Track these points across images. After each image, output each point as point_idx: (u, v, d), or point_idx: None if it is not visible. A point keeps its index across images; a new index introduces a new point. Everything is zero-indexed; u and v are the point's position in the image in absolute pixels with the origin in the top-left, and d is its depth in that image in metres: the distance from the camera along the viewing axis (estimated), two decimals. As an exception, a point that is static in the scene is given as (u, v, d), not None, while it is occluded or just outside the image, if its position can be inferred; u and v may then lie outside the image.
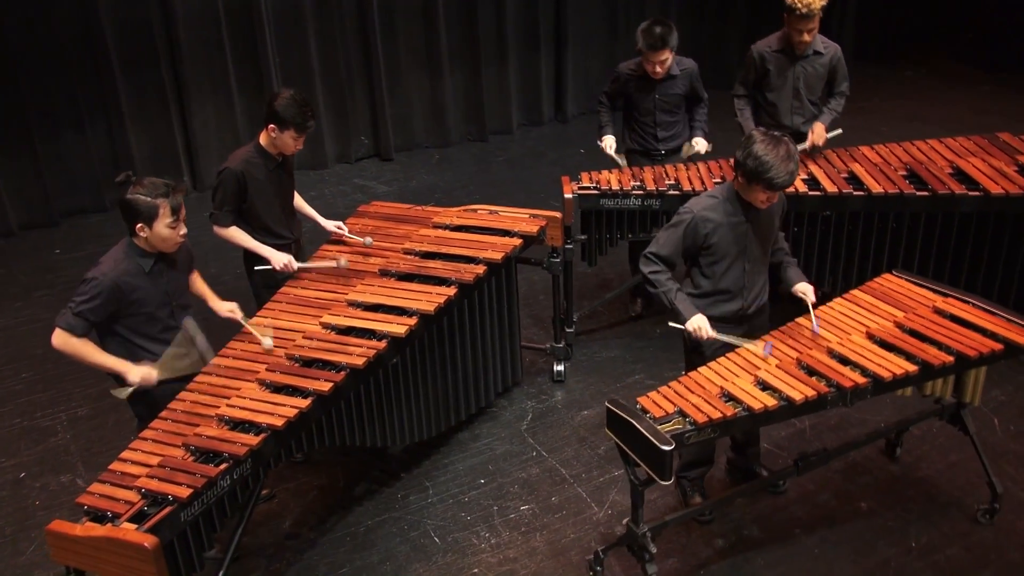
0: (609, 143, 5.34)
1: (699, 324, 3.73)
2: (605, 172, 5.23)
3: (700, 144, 5.28)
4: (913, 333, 3.69)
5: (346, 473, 4.66)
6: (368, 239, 4.67)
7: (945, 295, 3.94)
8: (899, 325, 3.76)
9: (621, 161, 5.33)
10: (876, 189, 4.83)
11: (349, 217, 5.06)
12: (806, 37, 5.04)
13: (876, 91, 9.14)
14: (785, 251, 4.05)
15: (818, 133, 5.16)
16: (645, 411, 3.38)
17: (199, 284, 4.07)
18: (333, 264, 4.46)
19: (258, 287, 4.57)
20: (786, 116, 5.29)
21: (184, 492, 3.06)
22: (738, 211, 3.76)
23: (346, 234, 4.71)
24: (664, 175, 5.14)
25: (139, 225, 3.56)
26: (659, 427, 3.27)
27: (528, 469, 4.63)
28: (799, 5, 4.89)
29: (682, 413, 3.34)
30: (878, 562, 3.95)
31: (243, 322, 4.04)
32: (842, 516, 4.21)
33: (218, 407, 3.50)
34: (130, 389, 3.58)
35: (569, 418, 4.97)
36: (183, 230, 3.67)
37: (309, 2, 7.82)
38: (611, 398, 3.53)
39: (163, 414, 3.53)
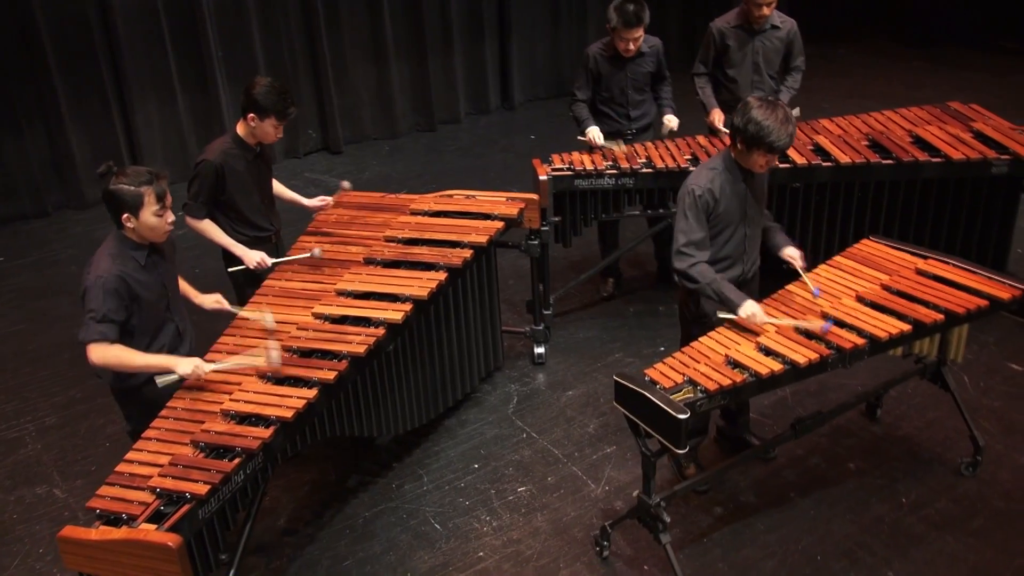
0: (595, 134, 5.32)
1: (753, 311, 3.68)
2: (576, 153, 5.26)
3: (673, 121, 5.34)
4: (901, 294, 3.81)
5: (336, 467, 4.61)
6: (316, 251, 4.49)
7: (925, 257, 4.07)
8: (886, 287, 3.87)
9: (618, 146, 5.28)
10: (844, 159, 4.97)
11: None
12: (765, 11, 5.15)
13: (814, 69, 9.32)
14: (769, 217, 4.13)
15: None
16: (654, 382, 3.42)
17: (180, 281, 3.97)
18: (307, 255, 4.39)
19: (239, 283, 4.48)
20: (747, 91, 5.38)
21: (202, 489, 2.99)
22: (738, 178, 3.82)
23: (331, 203, 4.64)
24: (635, 154, 5.19)
25: (125, 216, 3.46)
26: (671, 397, 3.31)
27: (520, 451, 4.64)
28: None
29: (692, 382, 3.39)
30: (873, 519, 4.07)
31: (234, 310, 3.95)
32: (833, 478, 4.32)
33: (221, 403, 3.43)
34: (174, 377, 3.46)
35: (555, 399, 4.99)
36: (171, 217, 3.58)
37: (251, -7, 7.67)
38: (619, 372, 3.56)
39: (164, 413, 3.44)
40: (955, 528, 3.99)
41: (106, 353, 3.39)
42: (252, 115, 4.23)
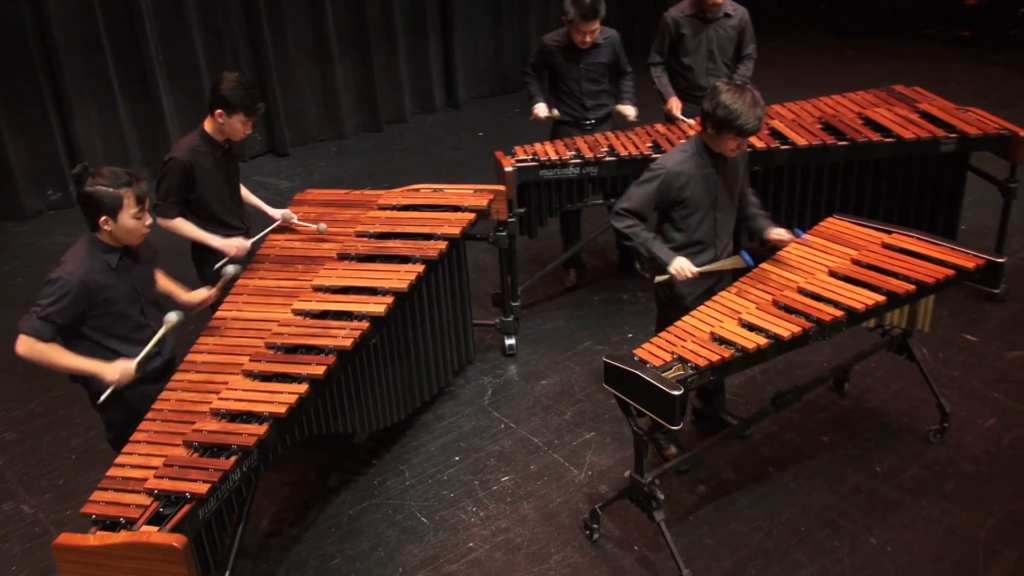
0: (541, 109, 5.39)
1: (681, 265, 3.85)
2: (539, 144, 5.28)
3: (629, 110, 5.40)
4: (871, 267, 3.92)
5: (315, 466, 4.55)
6: (322, 225, 4.54)
7: (889, 231, 4.20)
8: (856, 261, 3.98)
9: (556, 113, 5.45)
10: (801, 142, 5.09)
11: (289, 205, 4.93)
12: (718, 0, 5.25)
13: (750, 60, 9.56)
14: (757, 204, 4.20)
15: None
16: (644, 362, 3.46)
17: (164, 281, 3.88)
18: (315, 228, 4.35)
19: (212, 281, 4.38)
20: (702, 78, 5.49)
21: (202, 488, 2.93)
22: (708, 163, 3.89)
23: (295, 221, 4.59)
24: (597, 143, 5.24)
25: (103, 218, 3.38)
26: (662, 375, 3.36)
27: (500, 442, 4.64)
28: None
29: (681, 359, 3.44)
30: (850, 488, 4.18)
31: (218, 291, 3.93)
32: (808, 451, 4.43)
33: (209, 402, 3.37)
34: (109, 390, 3.37)
35: (529, 389, 5.01)
36: (148, 220, 3.51)
37: (190, -7, 7.52)
38: (608, 353, 3.59)
39: (150, 415, 3.36)
40: (929, 493, 4.13)
41: (32, 347, 3.35)
42: (220, 111, 4.17)
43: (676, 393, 3.26)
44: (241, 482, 3.16)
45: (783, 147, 5.11)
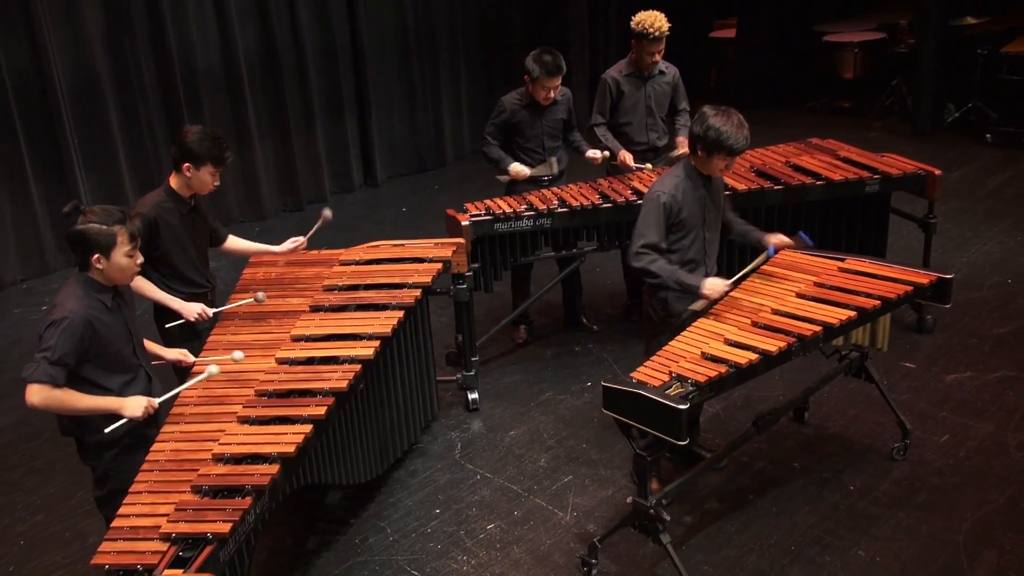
0: (519, 167, 5.51)
1: (713, 284, 4.01)
2: (488, 200, 5.38)
3: (597, 154, 5.58)
4: (836, 288, 4.14)
5: (289, 531, 4.39)
6: (260, 294, 4.43)
7: (842, 259, 4.44)
8: (820, 284, 4.19)
9: (546, 167, 5.56)
10: (740, 187, 5.36)
11: (245, 268, 4.86)
12: (656, 58, 5.55)
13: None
14: (744, 222, 4.44)
15: (684, 145, 5.64)
16: (643, 383, 3.53)
17: None
18: (250, 300, 4.26)
19: (176, 342, 4.24)
20: (640, 133, 5.75)
21: (223, 528, 2.81)
22: (698, 185, 4.10)
23: (303, 243, 4.69)
24: (546, 197, 5.38)
25: (95, 256, 3.29)
26: (665, 393, 3.43)
27: (478, 492, 4.59)
28: (651, 30, 5.39)
29: (679, 378, 3.52)
30: (829, 507, 4.31)
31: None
32: (783, 477, 4.55)
33: (207, 450, 3.24)
34: (123, 421, 3.28)
35: (498, 440, 4.99)
36: (140, 258, 3.42)
37: (107, 75, 7.42)
38: (606, 378, 3.64)
39: (145, 467, 3.21)
40: (903, 505, 4.29)
41: (50, 396, 3.23)
42: (187, 165, 4.11)
43: (683, 407, 3.33)
44: (255, 526, 3.02)
45: (725, 192, 5.35)
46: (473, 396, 5.26)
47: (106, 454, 3.43)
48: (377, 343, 3.93)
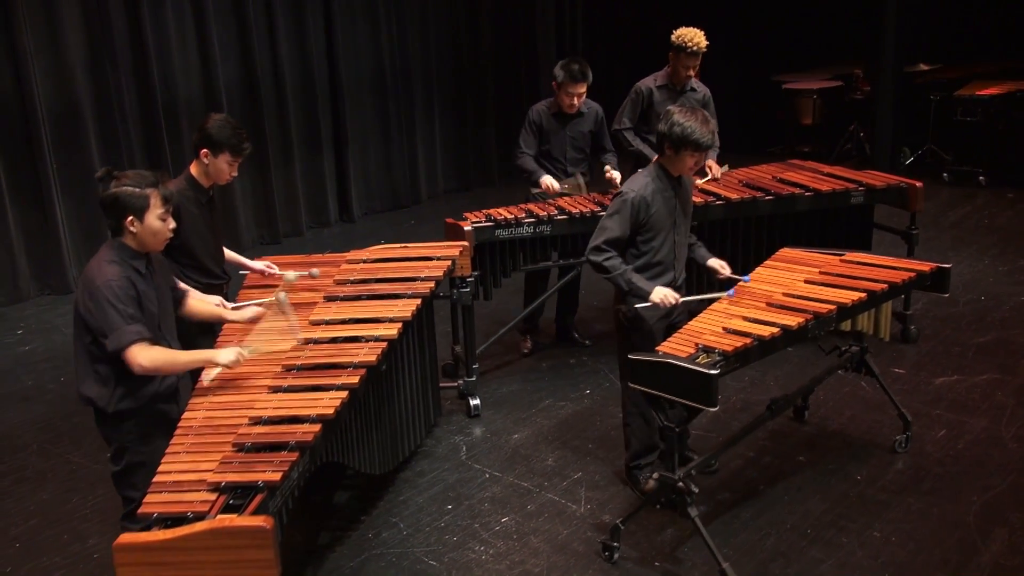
0: (550, 181, 5.59)
1: (664, 294, 4.04)
2: (488, 210, 5.45)
3: (617, 175, 5.68)
4: (841, 275, 4.26)
5: (300, 529, 4.30)
6: (282, 295, 4.40)
7: (840, 254, 4.59)
8: (825, 272, 4.32)
9: (579, 180, 5.64)
10: (734, 197, 5.51)
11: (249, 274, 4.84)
12: (691, 73, 5.72)
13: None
14: (694, 236, 4.50)
15: (715, 167, 5.83)
16: (670, 355, 3.58)
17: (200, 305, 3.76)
18: (272, 300, 4.23)
19: (192, 333, 4.18)
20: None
21: (275, 475, 2.75)
22: (668, 186, 4.17)
23: (277, 272, 4.50)
24: (546, 205, 5.48)
25: (129, 219, 3.28)
26: (696, 361, 3.49)
27: (489, 489, 4.56)
28: (690, 44, 5.57)
29: (706, 349, 3.58)
30: (840, 495, 4.37)
31: (234, 317, 3.82)
32: (790, 469, 4.60)
33: (241, 417, 3.19)
34: (217, 370, 3.33)
35: (503, 443, 4.98)
36: (172, 223, 3.40)
37: (88, 101, 7.39)
38: (632, 352, 3.69)
39: (178, 432, 3.15)
40: (911, 491, 4.37)
41: (153, 354, 3.18)
42: (206, 151, 4.12)
43: (714, 372, 3.39)
44: (297, 484, 2.98)
45: (717, 202, 5.51)
46: (475, 402, 5.26)
47: (125, 425, 3.35)
48: (399, 325, 3.93)
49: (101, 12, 7.33)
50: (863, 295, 4.04)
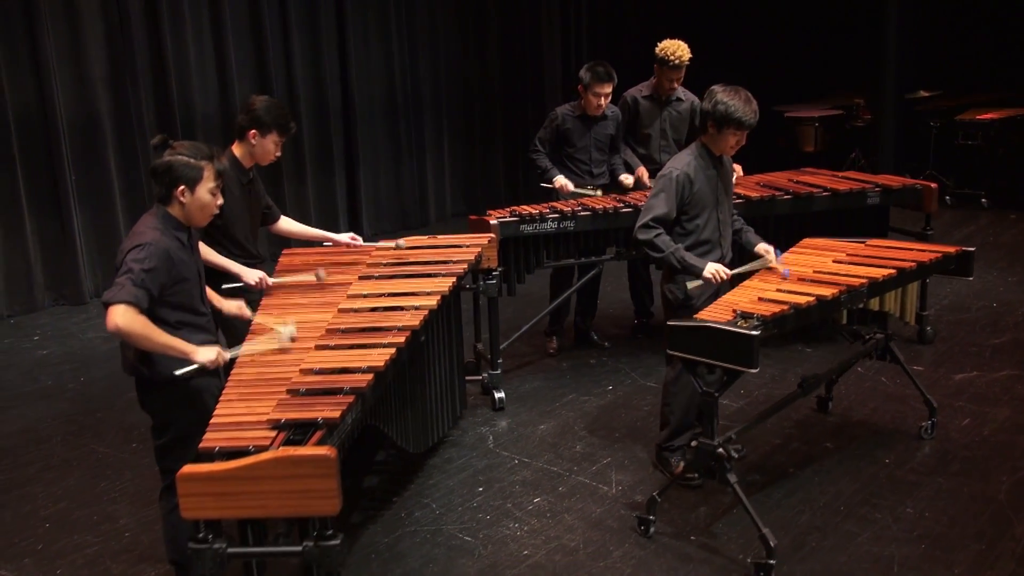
0: (564, 181, 5.68)
1: (715, 269, 4.09)
2: (512, 207, 5.53)
3: (630, 179, 5.79)
4: (868, 256, 4.34)
5: (331, 509, 4.29)
6: (321, 272, 4.45)
7: (863, 241, 4.67)
8: (852, 255, 4.40)
9: (591, 191, 5.69)
10: (753, 195, 5.61)
11: (281, 257, 4.88)
12: (675, 85, 5.83)
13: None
14: (742, 220, 4.57)
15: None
16: (709, 320, 3.63)
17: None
18: (312, 277, 4.28)
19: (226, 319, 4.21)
20: (656, 153, 6.00)
21: (334, 413, 2.78)
22: (710, 164, 4.25)
23: (361, 243, 4.68)
24: (571, 200, 5.57)
25: (180, 189, 3.29)
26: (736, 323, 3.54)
27: (519, 473, 4.57)
28: (672, 58, 5.68)
29: (744, 315, 3.63)
30: (869, 476, 4.39)
31: (252, 318, 3.76)
32: (817, 455, 4.63)
33: (290, 372, 3.21)
34: (193, 367, 3.17)
35: (529, 433, 4.99)
36: (220, 199, 3.44)
37: (108, 114, 7.49)
38: (671, 319, 3.74)
39: (230, 384, 3.17)
40: (940, 472, 4.40)
41: (135, 319, 3.06)
42: (253, 131, 4.19)
43: (755, 333, 3.44)
44: (352, 430, 2.99)
45: (737, 200, 5.60)
46: (500, 395, 5.28)
47: (171, 396, 3.32)
48: (438, 297, 3.97)
49: (123, 28, 7.47)
50: (892, 271, 4.11)
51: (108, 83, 7.48)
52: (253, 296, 4.21)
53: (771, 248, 4.43)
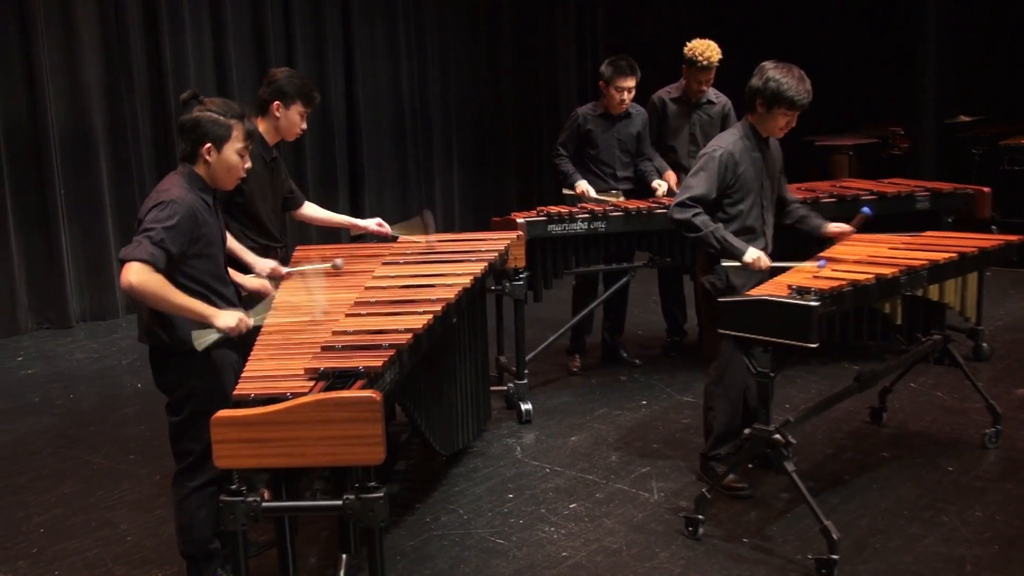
0: (586, 186, 5.76)
1: (758, 254, 4.13)
2: (538, 208, 5.62)
3: (663, 185, 5.87)
4: (927, 242, 4.42)
5: (350, 514, 4.29)
6: (339, 260, 4.52)
7: (917, 234, 4.75)
8: (908, 243, 4.47)
9: (612, 196, 5.76)
10: (797, 196, 5.69)
11: (296, 250, 4.96)
12: (704, 87, 5.94)
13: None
14: (803, 205, 4.63)
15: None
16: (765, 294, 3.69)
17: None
18: (330, 266, 4.34)
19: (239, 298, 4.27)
20: (684, 159, 6.09)
21: (377, 361, 2.82)
22: (755, 146, 4.31)
23: (388, 230, 4.73)
24: (602, 202, 5.66)
25: (207, 146, 3.36)
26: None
27: (552, 480, 4.58)
28: (700, 59, 5.78)
29: (801, 290, 3.67)
30: (932, 483, 4.41)
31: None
32: (874, 463, 4.64)
33: (321, 337, 3.26)
34: (215, 336, 3.19)
35: (560, 444, 5.01)
36: (248, 163, 3.52)
37: (101, 125, 7.62)
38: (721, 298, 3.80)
39: (257, 347, 3.21)
40: (1009, 478, 4.41)
41: (150, 277, 3.09)
42: (277, 103, 4.28)
43: (815, 304, 3.49)
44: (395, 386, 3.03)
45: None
46: (526, 407, 5.30)
47: (191, 368, 3.35)
48: (471, 276, 4.03)
49: (120, 34, 7.64)
50: (954, 255, 4.18)
51: (103, 92, 7.64)
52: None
53: (844, 226, 4.50)
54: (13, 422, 5.61)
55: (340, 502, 2.69)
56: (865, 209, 4.52)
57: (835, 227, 4.48)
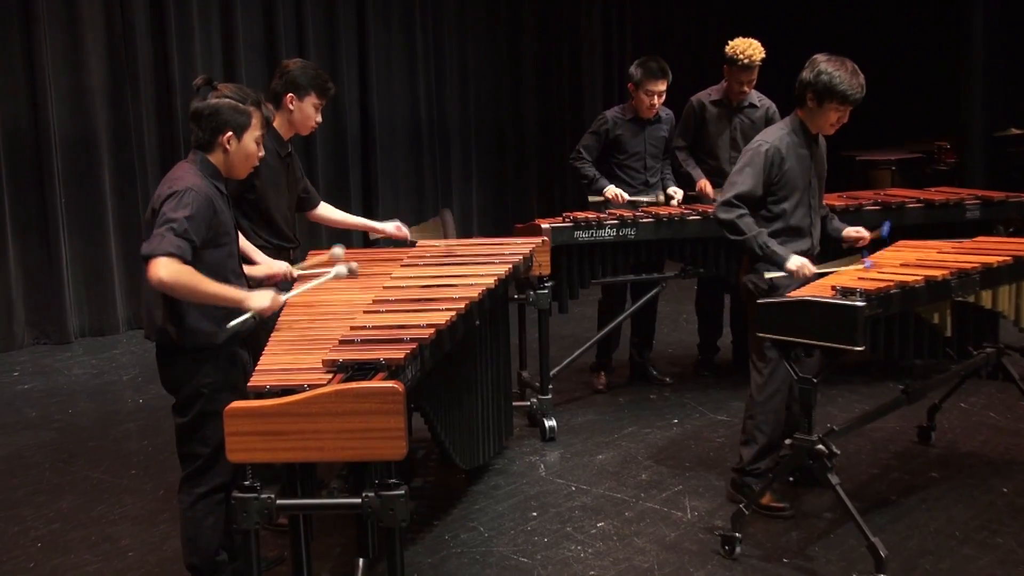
0: (616, 191, 5.78)
1: (802, 262, 4.11)
2: (565, 213, 5.64)
3: (679, 193, 5.92)
4: (978, 246, 4.41)
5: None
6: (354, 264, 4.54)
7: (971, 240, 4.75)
8: (957, 247, 4.47)
9: (647, 197, 5.81)
10: (837, 204, 5.72)
11: (309, 254, 4.98)
12: (745, 88, 5.90)
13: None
14: (826, 208, 4.64)
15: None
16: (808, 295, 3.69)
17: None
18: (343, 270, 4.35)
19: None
20: (725, 165, 6.03)
21: (400, 354, 2.83)
22: (804, 143, 4.32)
23: (407, 233, 4.76)
24: (632, 207, 5.69)
25: (227, 135, 3.39)
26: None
27: (578, 499, 4.57)
28: (741, 57, 5.76)
29: (845, 291, 3.67)
30: (985, 504, 4.37)
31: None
32: (922, 484, 4.61)
33: (343, 330, 3.27)
34: (247, 316, 3.22)
35: (587, 462, 5.00)
36: (262, 152, 3.56)
37: (105, 130, 7.71)
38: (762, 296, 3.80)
39: (271, 343, 3.24)
40: (1070, 500, 4.38)
41: (180, 270, 3.10)
42: (290, 96, 4.33)
43: (861, 304, 3.49)
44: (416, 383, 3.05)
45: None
46: (550, 423, 5.29)
47: (201, 366, 3.37)
48: (495, 277, 4.04)
49: (127, 38, 7.74)
50: (1008, 258, 4.17)
51: (107, 96, 7.73)
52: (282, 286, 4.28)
53: (862, 230, 4.50)
54: (8, 436, 5.64)
55: (359, 500, 2.69)
56: (884, 225, 4.49)
57: (853, 231, 4.49)
